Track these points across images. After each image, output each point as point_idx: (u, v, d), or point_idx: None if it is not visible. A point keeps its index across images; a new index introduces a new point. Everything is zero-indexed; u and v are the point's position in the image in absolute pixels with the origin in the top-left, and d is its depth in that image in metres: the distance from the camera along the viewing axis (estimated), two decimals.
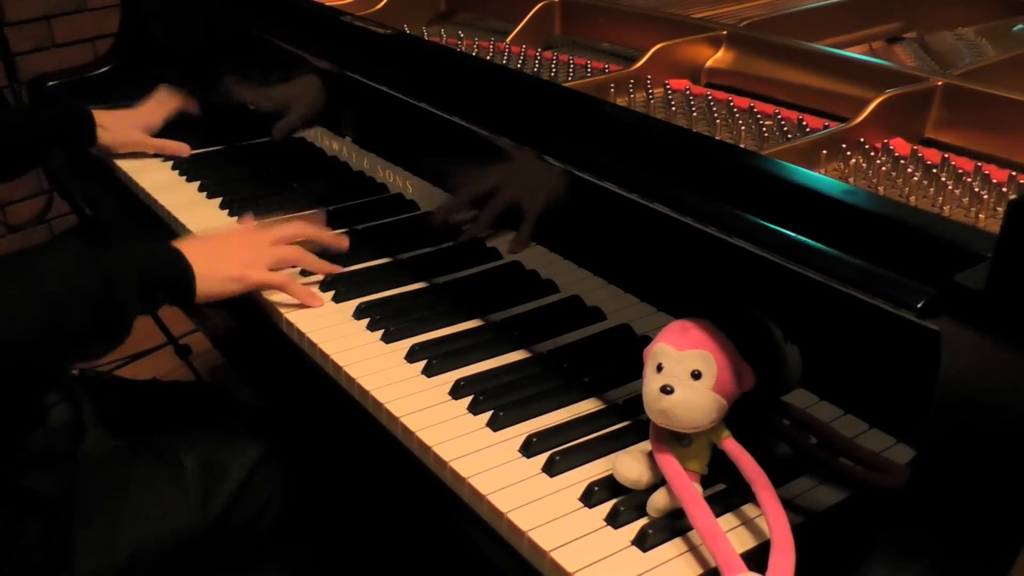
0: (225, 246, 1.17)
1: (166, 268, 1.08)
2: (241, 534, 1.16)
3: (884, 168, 1.00)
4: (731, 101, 1.19)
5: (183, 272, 1.08)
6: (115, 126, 1.59)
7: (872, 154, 1.02)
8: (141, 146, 1.61)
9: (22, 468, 1.10)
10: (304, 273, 1.22)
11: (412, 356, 1.05)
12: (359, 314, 1.13)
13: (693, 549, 0.80)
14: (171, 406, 1.36)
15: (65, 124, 1.56)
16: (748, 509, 0.83)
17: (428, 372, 1.03)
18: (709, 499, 0.81)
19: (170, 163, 1.59)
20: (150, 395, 1.38)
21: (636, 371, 0.87)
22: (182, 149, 1.63)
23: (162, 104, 1.67)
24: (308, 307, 1.15)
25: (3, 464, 1.10)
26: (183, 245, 1.11)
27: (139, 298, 1.04)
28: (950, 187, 0.95)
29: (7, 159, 1.52)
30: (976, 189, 0.94)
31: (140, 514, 1.09)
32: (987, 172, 0.97)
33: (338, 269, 1.22)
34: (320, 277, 1.21)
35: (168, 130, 1.66)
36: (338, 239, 1.26)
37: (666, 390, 0.81)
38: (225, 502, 1.13)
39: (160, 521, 1.10)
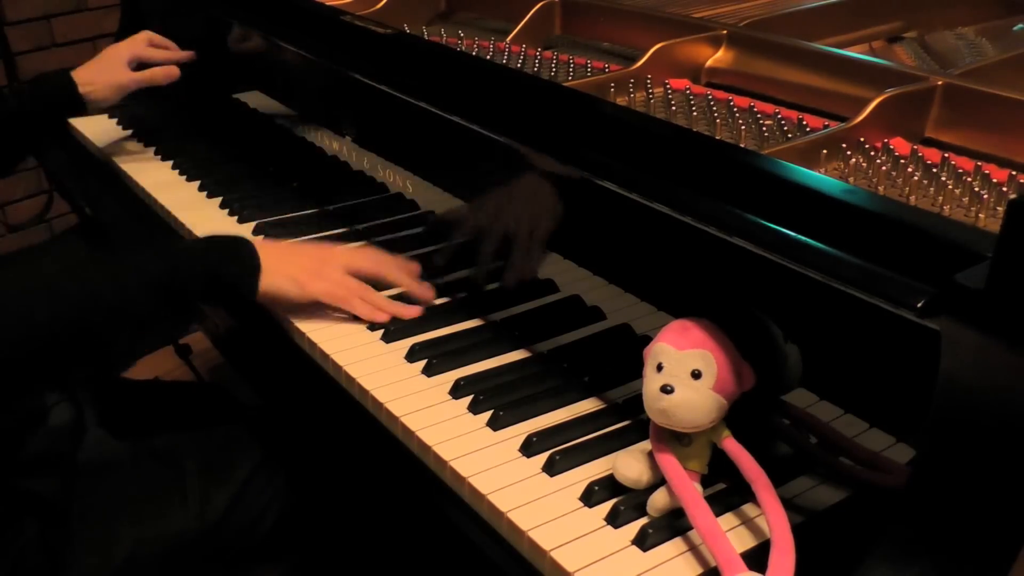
0: (295, 252, 1.15)
1: (233, 249, 1.09)
2: (241, 537, 1.15)
3: (884, 168, 1.00)
4: (731, 101, 1.19)
5: (249, 257, 1.08)
6: (99, 77, 1.53)
7: (872, 154, 1.02)
8: (133, 84, 1.55)
9: (21, 468, 1.10)
10: None
11: (412, 356, 1.05)
12: None
13: (693, 549, 0.80)
14: (172, 406, 1.36)
15: (47, 99, 1.52)
16: (748, 509, 0.83)
17: (428, 372, 1.03)
18: (709, 499, 0.81)
19: (170, 162, 1.59)
20: (151, 395, 1.38)
21: (636, 371, 0.87)
22: (172, 72, 1.57)
23: (136, 41, 1.59)
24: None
25: (2, 464, 1.10)
26: (254, 240, 1.12)
27: (203, 280, 1.04)
28: (950, 187, 0.95)
29: None
30: (976, 189, 0.94)
31: (139, 516, 1.09)
32: (987, 172, 0.97)
33: (430, 297, 1.14)
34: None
35: (169, 118, 1.63)
36: (423, 291, 1.15)
37: (666, 390, 0.81)
38: (225, 505, 1.13)
39: (159, 523, 1.10)
